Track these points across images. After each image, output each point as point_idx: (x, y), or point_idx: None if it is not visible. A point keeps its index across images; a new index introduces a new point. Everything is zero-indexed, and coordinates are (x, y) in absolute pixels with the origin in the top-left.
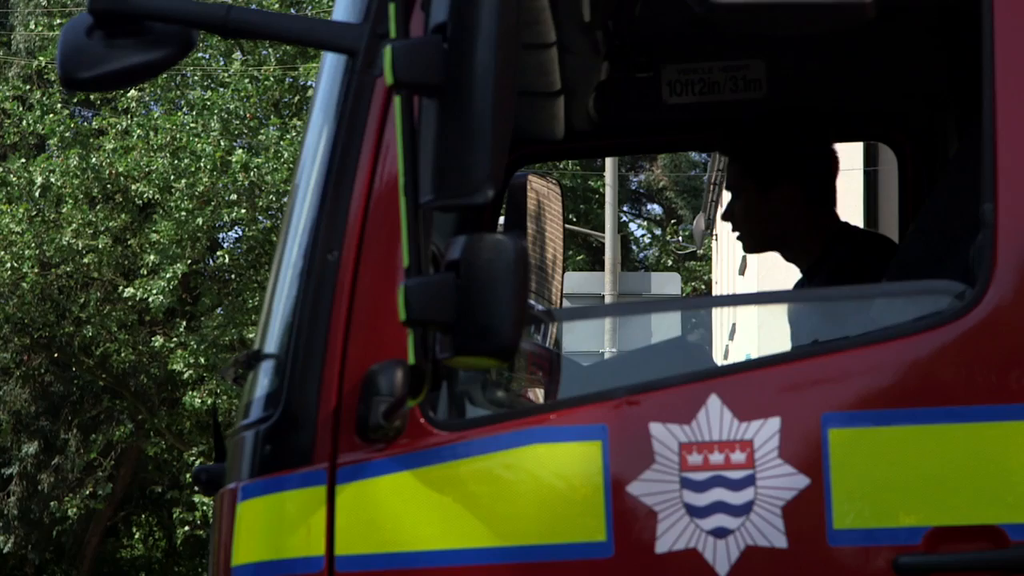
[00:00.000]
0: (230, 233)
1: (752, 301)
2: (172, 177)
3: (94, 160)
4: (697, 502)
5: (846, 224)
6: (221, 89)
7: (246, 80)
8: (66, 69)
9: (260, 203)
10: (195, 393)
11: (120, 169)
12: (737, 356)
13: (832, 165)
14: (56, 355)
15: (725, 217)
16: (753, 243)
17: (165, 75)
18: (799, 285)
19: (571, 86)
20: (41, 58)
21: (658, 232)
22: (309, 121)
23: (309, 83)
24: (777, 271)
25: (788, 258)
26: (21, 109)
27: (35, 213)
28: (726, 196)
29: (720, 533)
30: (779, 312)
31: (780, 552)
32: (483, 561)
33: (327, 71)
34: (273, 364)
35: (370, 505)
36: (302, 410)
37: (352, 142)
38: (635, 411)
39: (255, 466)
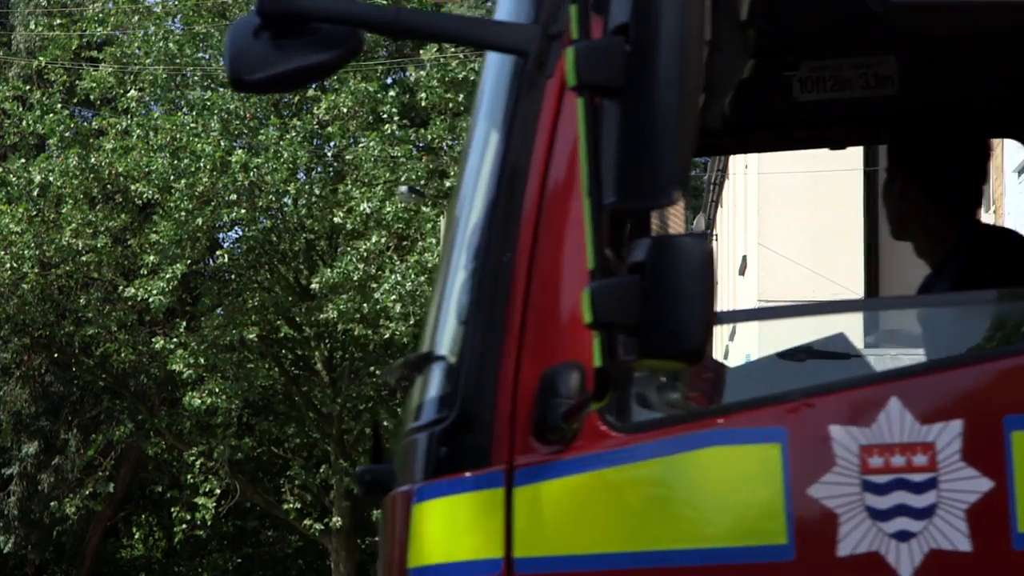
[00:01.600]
0: (230, 233)
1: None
2: (172, 177)
3: (94, 160)
4: (879, 505)
5: (980, 223)
6: (221, 89)
7: None
8: (235, 70)
9: (260, 203)
10: (195, 393)
11: (120, 169)
12: (736, 358)
13: (973, 163)
14: (56, 355)
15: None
16: (891, 230)
17: (165, 75)
18: (926, 283)
19: (713, 84)
20: (41, 58)
21: None
22: (474, 122)
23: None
24: (777, 271)
25: (917, 252)
26: (21, 109)
27: (35, 213)
28: (726, 196)
29: (903, 536)
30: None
31: (963, 556)
32: (663, 564)
33: (492, 72)
34: (446, 366)
35: (548, 507)
36: (478, 412)
37: (524, 143)
38: (814, 413)
39: (430, 468)
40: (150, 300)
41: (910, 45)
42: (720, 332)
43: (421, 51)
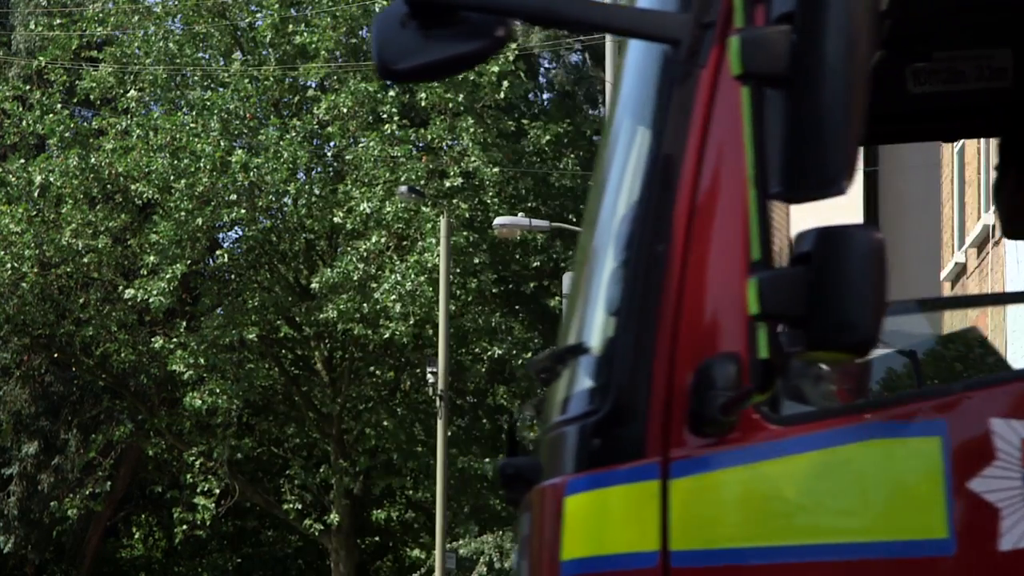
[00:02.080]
0: (230, 233)
1: None
2: (172, 177)
3: (94, 160)
4: None
5: None
6: (221, 89)
7: (246, 80)
8: (383, 59)
9: (260, 203)
10: (195, 393)
11: (120, 169)
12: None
13: None
14: (56, 355)
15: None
16: (1003, 229)
17: (165, 75)
18: None
19: None
20: (41, 58)
21: None
22: (615, 112)
23: (309, 83)
24: None
25: None
26: (21, 109)
27: (35, 213)
28: None
29: None
30: None
31: None
32: (820, 557)
33: (635, 62)
34: (596, 358)
35: (705, 500)
36: (632, 404)
37: (676, 133)
38: (974, 407)
39: (582, 460)
40: (150, 300)
41: None
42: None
43: None
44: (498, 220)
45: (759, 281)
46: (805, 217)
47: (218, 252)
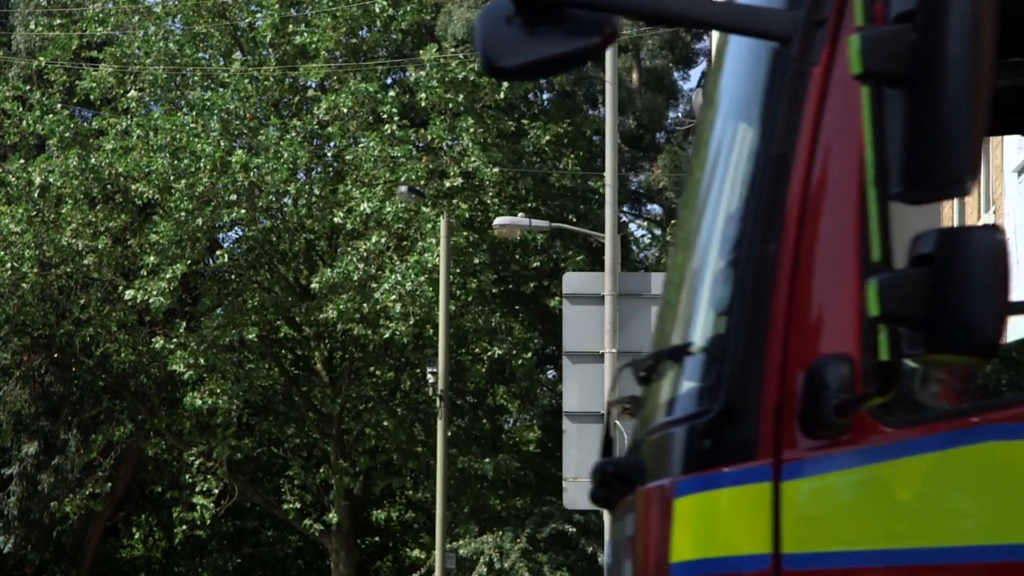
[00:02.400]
0: (230, 233)
1: None
2: (172, 177)
3: (94, 160)
4: None
5: None
6: (221, 89)
7: (246, 80)
8: (488, 57)
9: (260, 203)
10: (195, 393)
11: (120, 169)
12: None
13: None
14: (56, 355)
15: None
16: None
17: (165, 75)
18: None
19: None
20: (41, 58)
21: (658, 232)
22: (715, 109)
23: (309, 83)
24: None
25: None
26: (21, 109)
27: (35, 213)
28: None
29: None
30: None
31: None
32: (936, 561)
33: (739, 59)
34: (704, 359)
35: (818, 502)
36: (743, 405)
37: (787, 131)
38: None
39: (691, 462)
40: (150, 300)
41: None
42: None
43: (421, 51)
44: (498, 220)
45: (879, 283)
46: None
47: (218, 252)
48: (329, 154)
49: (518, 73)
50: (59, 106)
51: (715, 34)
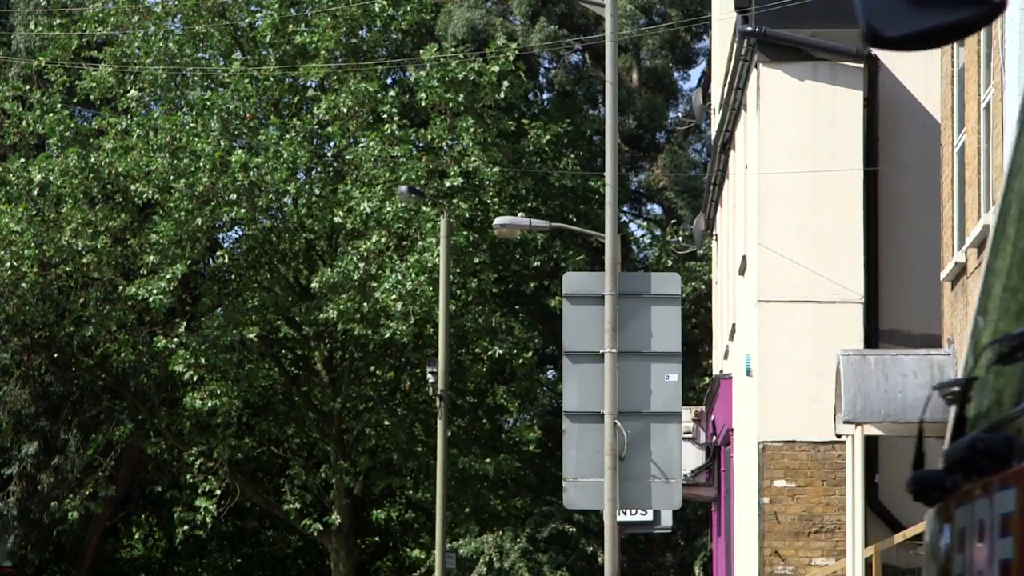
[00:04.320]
0: (230, 233)
1: None
2: (172, 177)
3: (94, 160)
4: None
5: None
6: (221, 89)
7: (246, 80)
8: (871, 26)
9: (260, 203)
10: (195, 394)
11: (120, 169)
12: (737, 357)
13: None
14: (56, 355)
15: None
16: None
17: (165, 75)
18: None
19: None
20: (41, 58)
21: (658, 232)
22: None
23: (309, 83)
24: (777, 271)
25: None
26: (21, 109)
27: (35, 213)
28: (726, 196)
29: None
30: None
31: None
32: None
33: None
34: None
35: None
36: None
37: None
38: None
39: None
40: (150, 300)
41: None
42: (720, 332)
43: (421, 51)
44: (498, 220)
45: None
46: (807, 217)
47: (218, 252)
48: (329, 154)
49: (904, 43)
50: (59, 106)
51: (715, 34)
